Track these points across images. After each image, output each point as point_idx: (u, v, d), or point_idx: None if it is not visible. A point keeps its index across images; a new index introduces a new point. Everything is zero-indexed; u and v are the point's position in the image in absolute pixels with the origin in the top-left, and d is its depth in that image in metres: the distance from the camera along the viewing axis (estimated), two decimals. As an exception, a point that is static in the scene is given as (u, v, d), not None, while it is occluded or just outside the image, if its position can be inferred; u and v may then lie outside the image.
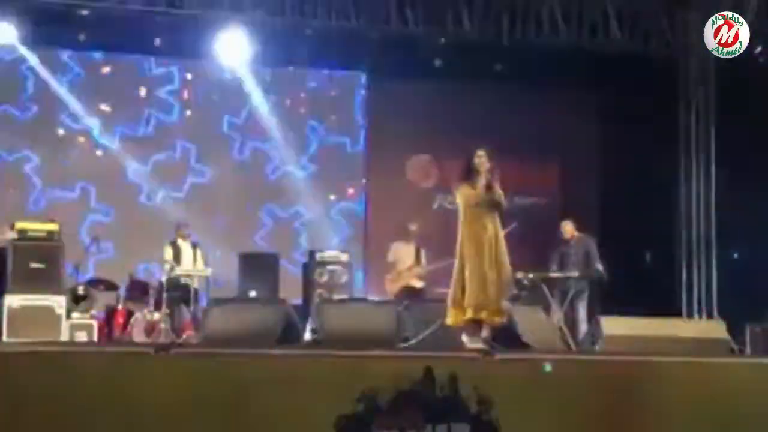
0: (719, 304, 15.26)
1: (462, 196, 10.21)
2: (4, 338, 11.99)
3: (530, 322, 11.30)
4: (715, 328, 12.23)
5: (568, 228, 13.74)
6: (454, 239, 10.21)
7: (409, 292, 13.65)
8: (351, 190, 16.42)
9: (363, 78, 16.37)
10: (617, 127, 16.27)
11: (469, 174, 10.25)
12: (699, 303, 15.51)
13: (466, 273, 10.08)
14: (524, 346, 10.45)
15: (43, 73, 15.08)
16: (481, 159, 10.22)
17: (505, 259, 10.26)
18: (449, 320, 10.20)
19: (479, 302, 9.99)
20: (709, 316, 15.12)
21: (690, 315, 15.28)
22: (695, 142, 15.82)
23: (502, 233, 10.30)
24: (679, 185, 15.84)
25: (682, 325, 13.10)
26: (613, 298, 14.03)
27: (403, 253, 13.99)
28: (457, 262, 10.22)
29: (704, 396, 8.24)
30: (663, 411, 8.14)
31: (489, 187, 10.18)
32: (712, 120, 15.71)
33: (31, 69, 15.11)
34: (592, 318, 12.71)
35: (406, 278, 13.80)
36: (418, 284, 13.85)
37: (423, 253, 13.98)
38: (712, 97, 15.72)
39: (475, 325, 10.05)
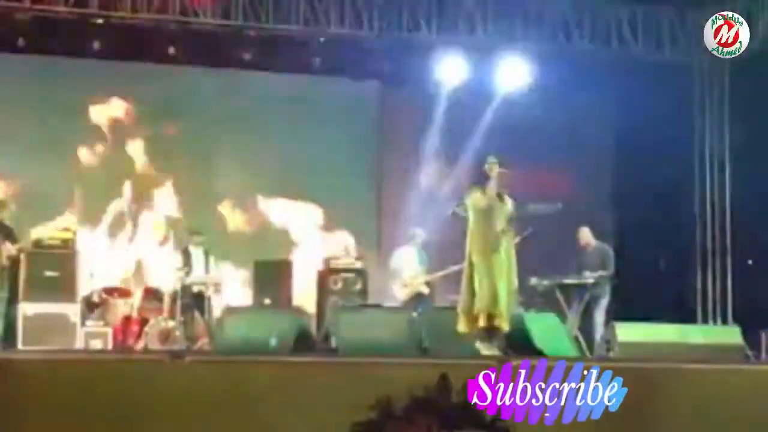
0: (734, 311, 15.22)
1: (472, 202, 10.23)
2: (19, 346, 12.02)
3: (544, 329, 11.31)
4: (730, 335, 12.24)
5: (585, 235, 13.69)
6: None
7: (418, 299, 13.70)
8: (366, 197, 16.38)
9: (377, 85, 16.33)
10: (632, 133, 16.25)
11: (479, 180, 10.27)
12: (714, 309, 15.46)
13: (476, 279, 10.08)
14: (538, 353, 10.45)
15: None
16: (492, 165, 10.24)
17: (512, 267, 10.26)
18: (461, 327, 10.20)
19: (491, 309, 9.98)
20: (724, 322, 15.08)
21: (705, 321, 15.24)
22: (710, 147, 15.79)
23: (512, 240, 10.31)
24: (694, 191, 15.80)
25: (696, 331, 13.10)
26: (627, 304, 14.01)
27: (407, 258, 14.01)
28: (466, 268, 10.22)
29: (719, 402, 8.22)
30: (677, 417, 8.12)
31: (500, 195, 10.20)
32: (727, 124, 15.67)
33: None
34: (608, 324, 12.70)
35: (415, 285, 13.82)
36: (426, 290, 13.88)
37: (426, 259, 14.02)
38: (726, 101, 15.69)
39: (488, 332, 10.05)
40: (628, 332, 11.57)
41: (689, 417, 8.11)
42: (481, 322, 10.02)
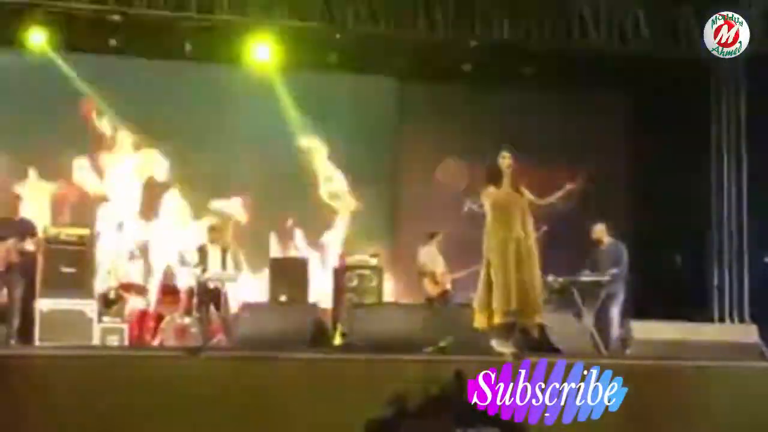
0: (751, 309, 15.17)
1: (488, 198, 10.21)
2: (36, 342, 12.06)
3: (561, 327, 11.31)
4: (747, 333, 12.18)
5: (600, 232, 13.67)
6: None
7: (446, 296, 13.80)
8: (383, 194, 16.36)
9: (393, 82, 16.31)
10: (647, 130, 16.22)
11: (494, 176, 10.25)
12: (730, 307, 15.41)
13: (492, 276, 10.06)
14: (555, 351, 10.44)
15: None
16: (506, 159, 10.23)
17: (534, 261, 10.22)
18: (476, 324, 10.18)
19: (508, 306, 9.96)
20: (741, 320, 15.03)
21: (721, 319, 15.19)
22: (726, 144, 15.73)
23: (531, 234, 10.28)
24: (710, 188, 15.75)
25: (713, 329, 13.05)
26: (643, 302, 13.98)
27: (434, 256, 14.07)
28: (483, 265, 10.20)
29: (735, 400, 8.21)
30: (693, 415, 8.11)
31: (517, 189, 10.18)
32: (743, 121, 15.62)
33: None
34: (624, 322, 12.68)
35: (445, 282, 13.89)
36: (449, 288, 14.00)
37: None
38: (742, 99, 15.63)
39: (504, 329, 10.03)
40: (645, 330, 11.54)
41: (706, 415, 8.09)
42: (497, 319, 10.00)
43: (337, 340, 12.31)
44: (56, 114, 14.89)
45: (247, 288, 14.37)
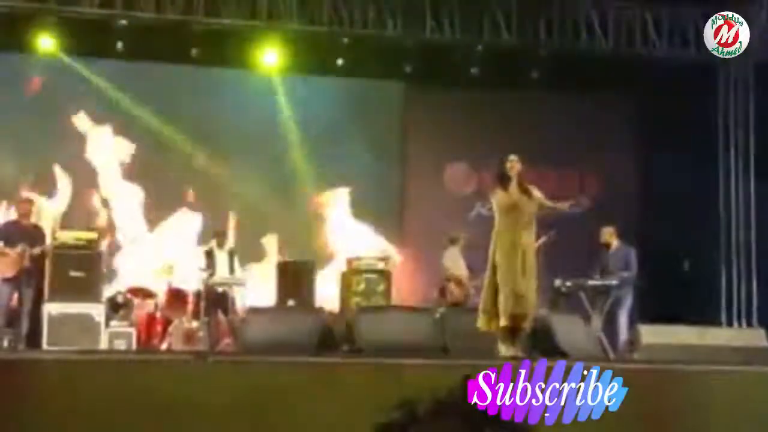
0: (759, 313, 15.15)
1: (496, 202, 10.20)
2: (44, 346, 12.07)
3: (568, 330, 11.28)
4: (755, 337, 12.17)
5: (608, 236, 13.65)
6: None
7: (466, 300, 13.75)
8: (390, 198, 16.35)
9: (400, 86, 16.31)
10: (656, 133, 16.21)
11: (501, 179, 10.24)
12: (738, 311, 15.40)
13: (498, 280, 10.05)
14: (562, 354, 10.41)
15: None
16: (513, 163, 10.22)
17: (533, 266, 10.21)
18: (480, 325, 10.17)
19: (513, 310, 9.94)
20: (749, 324, 15.01)
21: (729, 323, 15.18)
22: (734, 148, 15.72)
23: (533, 241, 10.27)
24: (719, 192, 15.74)
25: (721, 333, 13.03)
26: (651, 306, 13.96)
27: (458, 260, 14.04)
28: (489, 268, 10.19)
29: (743, 404, 8.18)
30: (701, 420, 8.09)
31: (525, 192, 10.17)
32: (752, 125, 15.61)
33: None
34: (632, 326, 12.67)
35: (470, 285, 13.83)
36: (472, 292, 13.97)
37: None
38: (750, 102, 15.62)
39: (510, 332, 10.01)
40: (653, 334, 11.53)
41: (712, 420, 8.07)
42: (503, 322, 9.98)
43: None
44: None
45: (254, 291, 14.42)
